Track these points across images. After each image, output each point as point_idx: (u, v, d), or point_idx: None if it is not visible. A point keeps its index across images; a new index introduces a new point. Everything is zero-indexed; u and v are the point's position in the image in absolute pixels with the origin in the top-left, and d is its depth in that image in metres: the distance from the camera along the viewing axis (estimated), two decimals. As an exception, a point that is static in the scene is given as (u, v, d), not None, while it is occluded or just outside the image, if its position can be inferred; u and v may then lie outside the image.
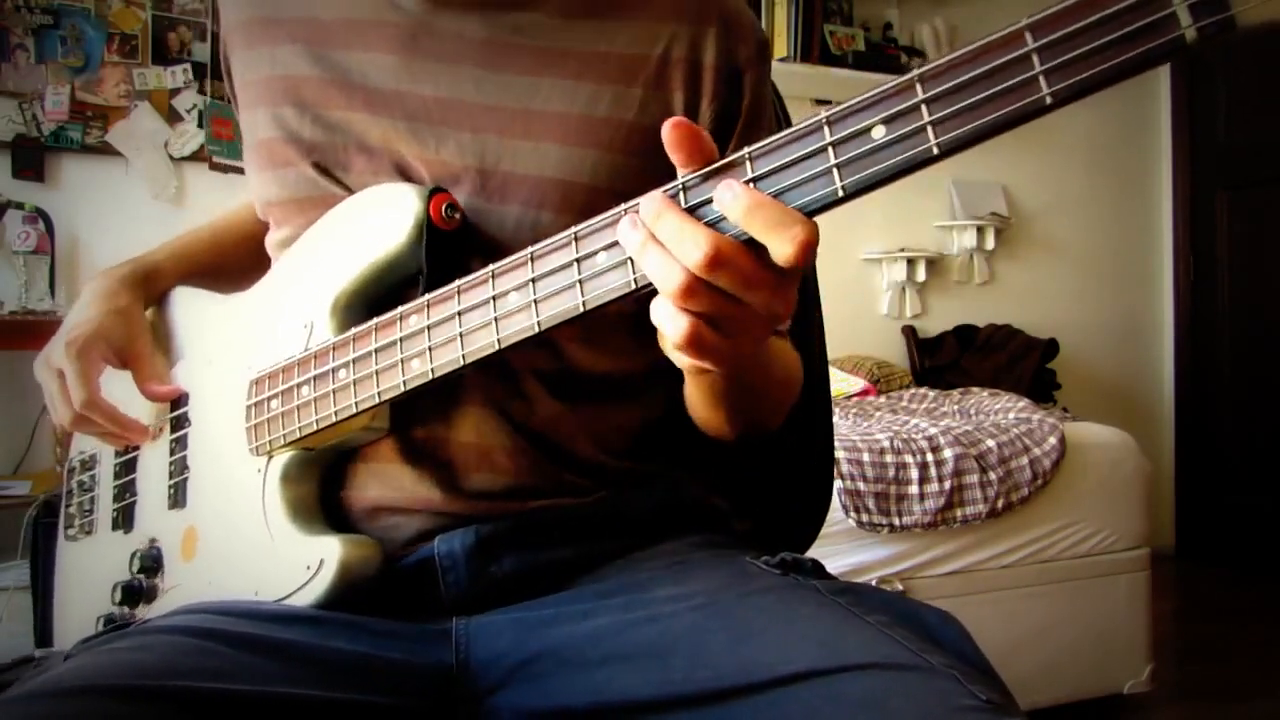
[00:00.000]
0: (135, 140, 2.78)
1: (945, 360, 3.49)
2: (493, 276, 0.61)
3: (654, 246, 0.53)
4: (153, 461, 0.86)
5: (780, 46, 3.25)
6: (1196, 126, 3.98)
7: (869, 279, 3.62)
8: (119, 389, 0.85)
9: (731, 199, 0.50)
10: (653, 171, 0.59)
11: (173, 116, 2.83)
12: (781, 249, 0.49)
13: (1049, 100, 0.43)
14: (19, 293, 2.57)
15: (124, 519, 0.88)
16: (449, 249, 0.70)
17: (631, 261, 0.55)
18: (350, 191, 0.75)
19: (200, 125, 2.84)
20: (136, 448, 0.88)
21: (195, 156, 2.84)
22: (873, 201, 3.70)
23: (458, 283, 0.63)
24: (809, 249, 0.49)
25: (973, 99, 0.44)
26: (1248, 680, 2.61)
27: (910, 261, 3.59)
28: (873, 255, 3.58)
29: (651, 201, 0.54)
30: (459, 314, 0.63)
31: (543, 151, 0.74)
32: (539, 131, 0.74)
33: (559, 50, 0.76)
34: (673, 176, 0.55)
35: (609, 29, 0.77)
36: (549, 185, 0.73)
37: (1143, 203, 4.07)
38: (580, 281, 0.57)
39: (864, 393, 3.04)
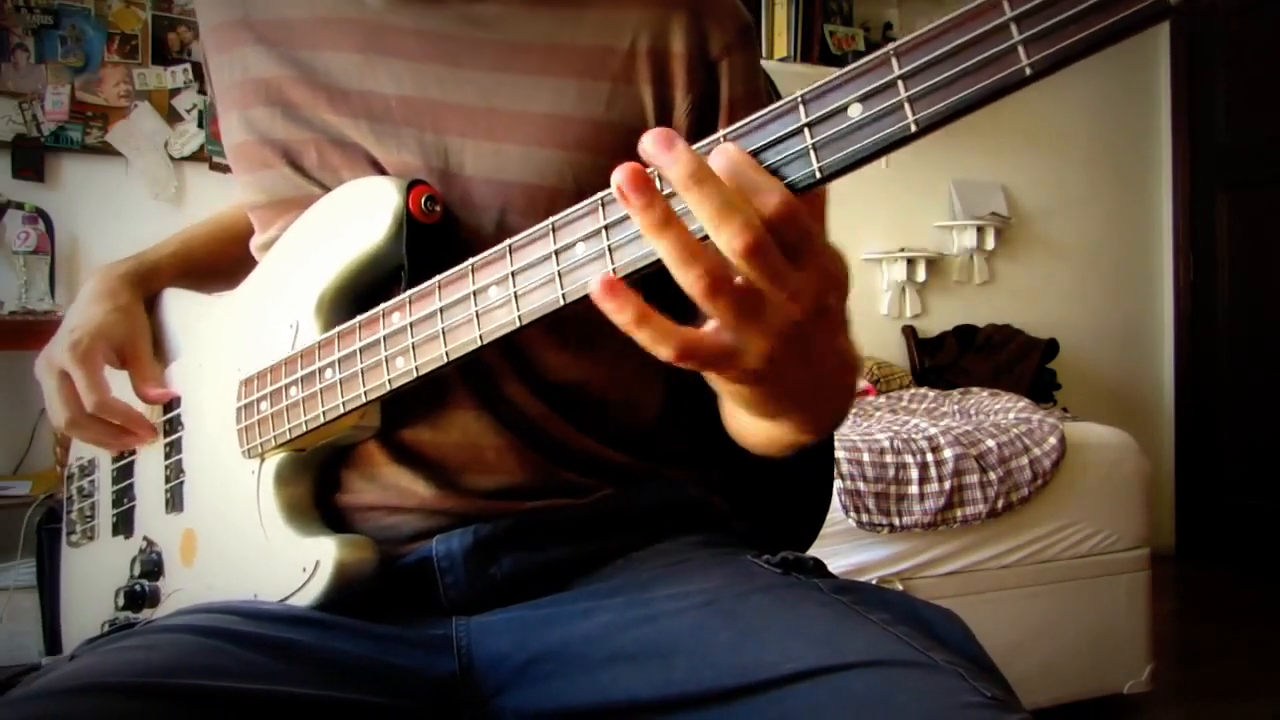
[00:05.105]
0: (135, 140, 2.78)
1: (945, 360, 3.49)
2: (472, 270, 0.60)
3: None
4: (149, 466, 0.85)
5: (780, 46, 3.25)
6: (1196, 126, 3.98)
7: (869, 279, 3.62)
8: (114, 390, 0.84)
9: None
10: None
11: (173, 116, 2.83)
12: (766, 201, 0.46)
13: (1029, 71, 0.41)
14: (19, 293, 2.57)
15: (123, 524, 0.87)
16: (431, 242, 0.68)
17: (610, 252, 0.52)
18: (329, 190, 0.73)
19: (200, 125, 2.84)
20: (133, 452, 0.87)
21: (195, 156, 2.85)
22: (873, 201, 3.70)
23: (438, 278, 0.62)
24: (788, 209, 0.46)
25: (950, 72, 0.43)
26: (1248, 680, 2.61)
27: (910, 261, 3.59)
28: (873, 255, 3.58)
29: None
30: (440, 310, 0.61)
31: (505, 153, 0.71)
32: (502, 132, 0.72)
33: (521, 44, 0.74)
34: None
35: (572, 18, 0.74)
36: (513, 189, 0.71)
37: (1143, 203, 4.07)
38: (559, 274, 0.55)
39: (864, 393, 3.04)
